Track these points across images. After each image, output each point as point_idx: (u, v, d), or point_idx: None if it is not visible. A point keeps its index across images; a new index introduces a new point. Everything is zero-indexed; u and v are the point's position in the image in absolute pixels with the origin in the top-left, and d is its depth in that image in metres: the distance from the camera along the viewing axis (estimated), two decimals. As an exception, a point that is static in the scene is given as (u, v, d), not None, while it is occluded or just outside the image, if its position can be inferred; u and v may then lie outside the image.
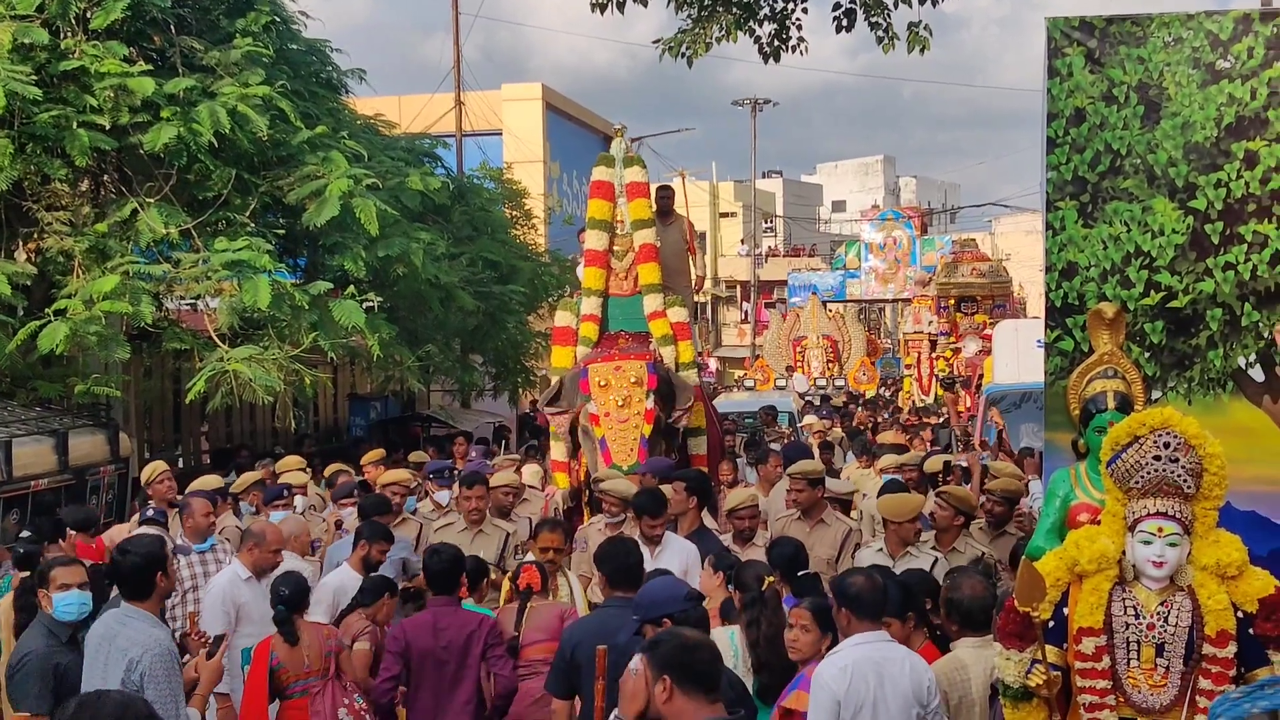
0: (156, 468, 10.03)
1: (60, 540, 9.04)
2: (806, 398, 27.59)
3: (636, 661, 3.93)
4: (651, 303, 11.03)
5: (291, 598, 6.97)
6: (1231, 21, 6.42)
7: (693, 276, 12.29)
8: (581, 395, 10.27)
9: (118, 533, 8.92)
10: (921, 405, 28.70)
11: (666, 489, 8.54)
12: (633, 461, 9.67)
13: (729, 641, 6.24)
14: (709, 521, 8.93)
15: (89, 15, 12.33)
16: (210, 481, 10.17)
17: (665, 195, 11.95)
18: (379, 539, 8.11)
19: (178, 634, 7.04)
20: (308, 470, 11.86)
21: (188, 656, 6.58)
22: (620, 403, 9.95)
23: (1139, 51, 6.51)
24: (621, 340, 11.08)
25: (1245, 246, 6.36)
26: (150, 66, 12.42)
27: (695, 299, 12.46)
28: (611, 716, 4.63)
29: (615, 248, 11.30)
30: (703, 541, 8.12)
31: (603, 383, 10.08)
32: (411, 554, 8.46)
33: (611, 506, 8.55)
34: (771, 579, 6.38)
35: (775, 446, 15.03)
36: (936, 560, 7.80)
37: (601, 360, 10.35)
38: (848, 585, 5.48)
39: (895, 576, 6.17)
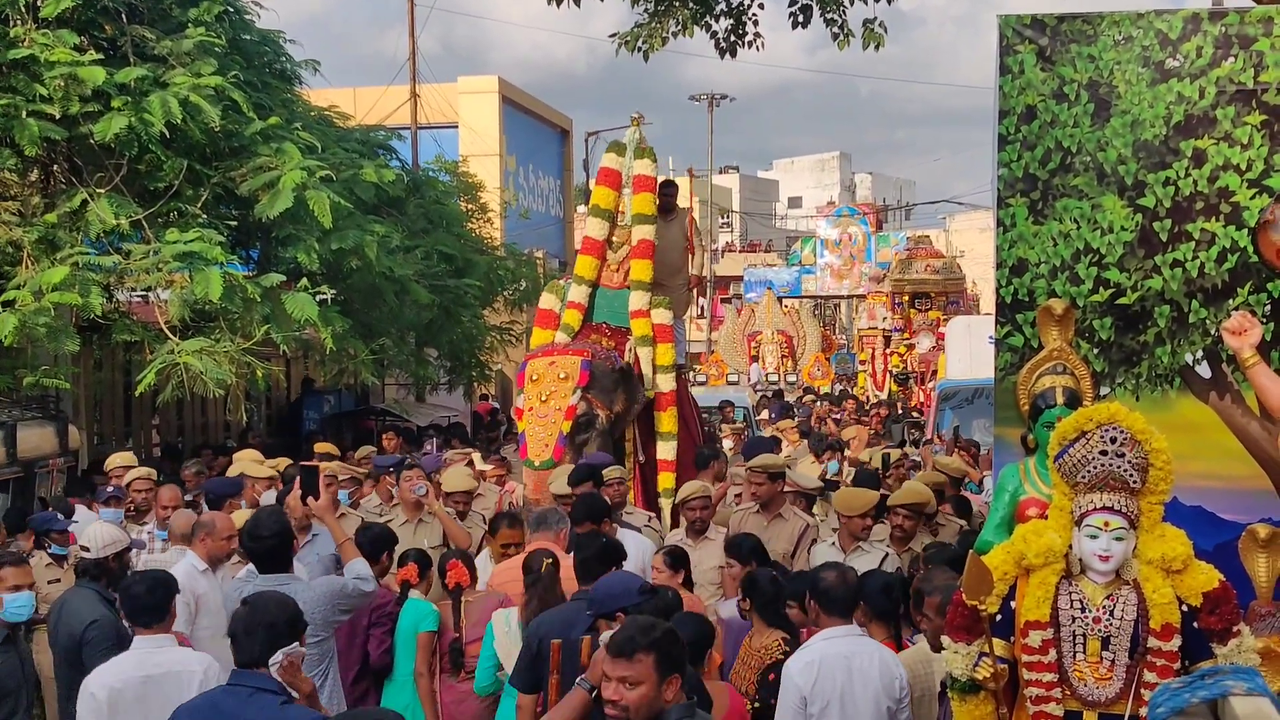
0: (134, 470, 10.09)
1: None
2: (759, 390, 27.68)
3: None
4: (637, 300, 10.92)
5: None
6: (1181, 21, 6.48)
7: (689, 274, 12.10)
8: (517, 390, 10.22)
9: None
10: (876, 400, 28.85)
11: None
12: (546, 458, 9.56)
13: (504, 621, 6.40)
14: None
15: (39, 3, 12.18)
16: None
17: (668, 191, 11.80)
18: None
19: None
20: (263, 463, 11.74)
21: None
22: (544, 398, 9.84)
23: (1090, 50, 6.56)
24: (602, 331, 11.02)
25: (1193, 244, 6.43)
26: (101, 55, 12.25)
27: (691, 295, 12.28)
28: None
29: (613, 238, 11.22)
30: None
31: (534, 377, 9.99)
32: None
33: (565, 506, 8.53)
34: (549, 561, 6.39)
35: (729, 442, 15.12)
36: (887, 556, 7.86)
37: (541, 355, 10.28)
38: (820, 579, 5.60)
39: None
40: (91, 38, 12.79)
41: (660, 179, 11.61)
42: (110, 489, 9.60)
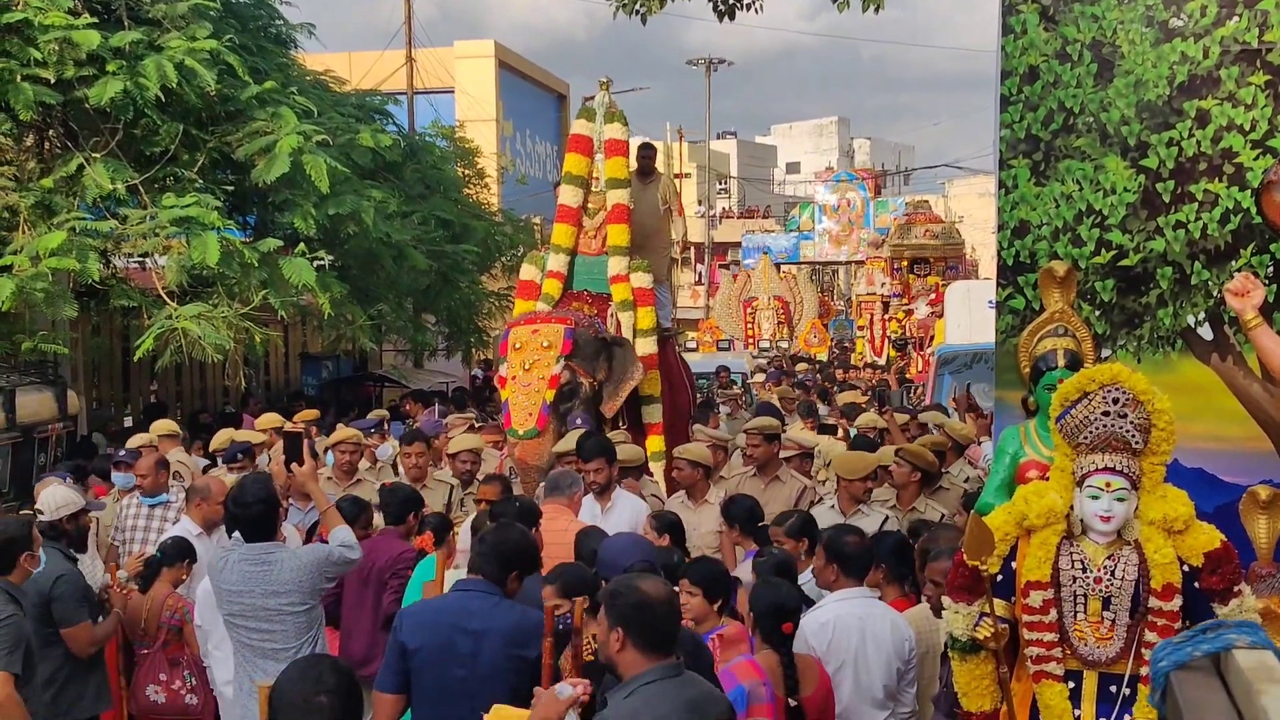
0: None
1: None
2: (758, 357, 27.67)
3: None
4: (616, 265, 10.89)
5: (169, 552, 7.14)
6: (1184, -20, 6.43)
7: (673, 237, 12.06)
8: (500, 357, 10.20)
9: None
10: (871, 364, 28.85)
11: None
12: (530, 426, 9.52)
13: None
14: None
15: (33, -33, 12.11)
16: (165, 426, 10.25)
17: (647, 154, 11.74)
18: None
19: (98, 586, 7.12)
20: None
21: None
22: (527, 366, 9.79)
23: (1093, 9, 6.50)
24: (583, 299, 10.99)
25: (1196, 205, 6.39)
26: (96, 19, 12.21)
27: (672, 257, 12.22)
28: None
29: (588, 205, 11.17)
30: None
31: (517, 345, 9.93)
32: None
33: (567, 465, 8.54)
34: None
35: (725, 408, 15.14)
36: (887, 519, 7.85)
37: (524, 323, 10.23)
38: (839, 542, 5.62)
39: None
40: (86, 1, 12.72)
41: (638, 141, 11.57)
42: (122, 453, 9.60)
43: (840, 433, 11.92)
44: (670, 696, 3.92)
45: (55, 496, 7.11)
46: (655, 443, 10.64)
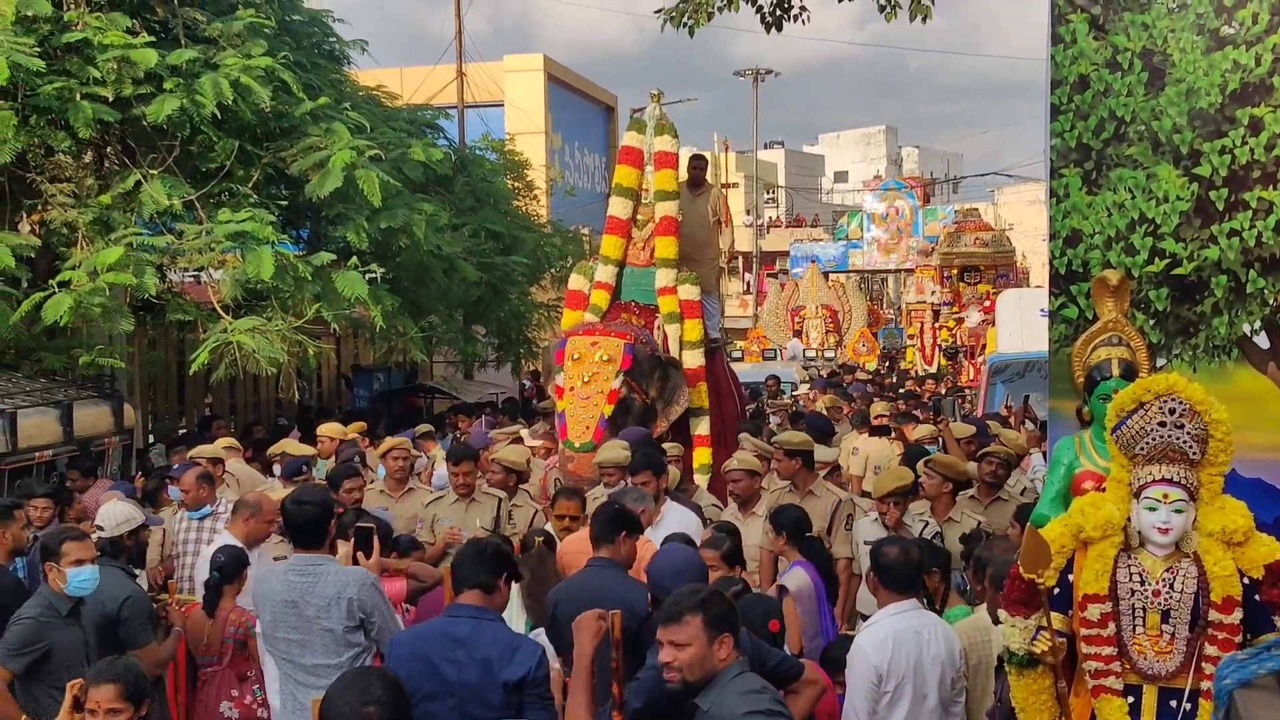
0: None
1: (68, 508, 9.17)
2: (807, 367, 27.62)
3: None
4: (664, 278, 10.90)
5: (226, 568, 7.02)
6: (1237, -13, 6.39)
7: (721, 248, 12.05)
8: (555, 366, 10.21)
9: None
10: (924, 374, 28.70)
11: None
12: (587, 440, 9.52)
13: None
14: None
15: (91, -13, 12.29)
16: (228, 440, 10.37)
17: (698, 165, 11.75)
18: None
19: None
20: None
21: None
22: (586, 379, 9.79)
23: (1143, 18, 6.47)
24: (630, 310, 11.01)
25: (1250, 213, 6.34)
26: (153, 38, 12.37)
27: (720, 266, 12.20)
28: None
29: (638, 217, 11.19)
30: None
31: (576, 356, 9.94)
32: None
33: (608, 476, 8.54)
34: (540, 540, 6.70)
35: (775, 419, 15.14)
36: (926, 525, 7.84)
37: (582, 333, 10.23)
38: (881, 554, 5.62)
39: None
40: (143, 20, 12.91)
41: (689, 153, 11.57)
42: (176, 468, 9.72)
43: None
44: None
45: (116, 512, 7.03)
46: (702, 455, 10.62)
